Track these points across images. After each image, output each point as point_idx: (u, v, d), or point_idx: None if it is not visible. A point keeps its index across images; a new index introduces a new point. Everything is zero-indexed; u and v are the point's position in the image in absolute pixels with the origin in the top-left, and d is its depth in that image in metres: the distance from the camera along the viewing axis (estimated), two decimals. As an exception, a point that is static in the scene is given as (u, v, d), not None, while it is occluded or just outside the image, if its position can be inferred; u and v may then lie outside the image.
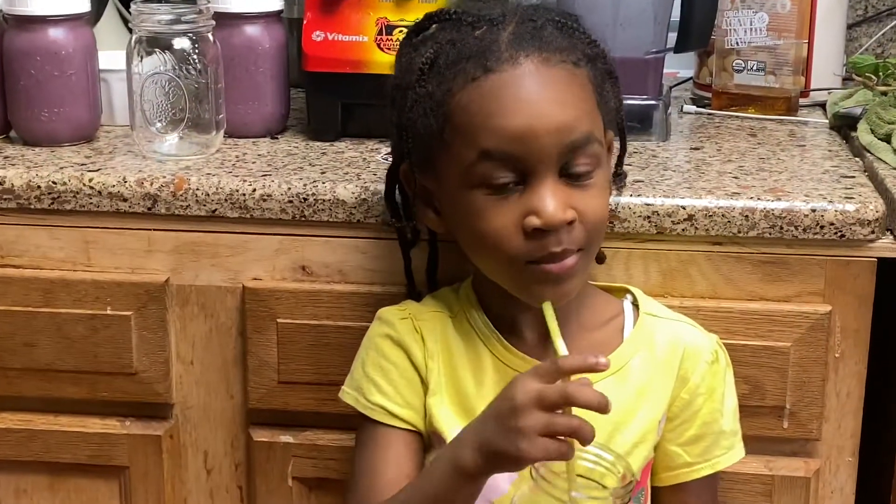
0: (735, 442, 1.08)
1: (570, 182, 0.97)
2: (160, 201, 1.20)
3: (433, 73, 0.98)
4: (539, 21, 0.99)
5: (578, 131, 0.96)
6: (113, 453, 1.27)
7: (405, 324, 1.07)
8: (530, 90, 0.95)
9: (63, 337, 1.24)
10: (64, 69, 1.30)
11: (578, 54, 0.99)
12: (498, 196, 0.96)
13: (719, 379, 1.06)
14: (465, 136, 0.96)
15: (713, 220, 1.15)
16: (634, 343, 1.06)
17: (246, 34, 1.34)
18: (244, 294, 1.22)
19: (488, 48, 0.96)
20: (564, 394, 0.89)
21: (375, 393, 1.06)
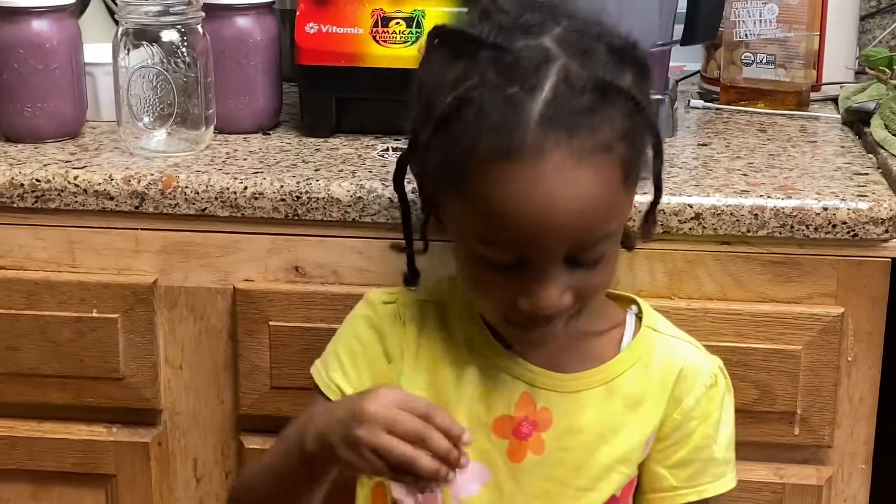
0: (727, 471, 1.06)
1: (575, 264, 0.92)
2: (148, 200, 1.20)
3: (455, 124, 0.91)
4: (580, 83, 0.89)
5: (595, 233, 0.91)
6: (99, 461, 1.27)
7: (388, 309, 1.06)
8: (550, 192, 0.88)
9: (47, 340, 1.23)
10: (48, 62, 1.29)
11: (614, 132, 0.90)
12: (495, 266, 0.92)
13: (716, 404, 1.04)
14: (474, 213, 0.92)
15: (721, 218, 1.14)
16: (630, 356, 1.04)
17: (237, 26, 1.33)
18: (235, 296, 1.21)
19: (516, 124, 0.88)
20: (421, 433, 0.89)
21: (338, 371, 1.05)
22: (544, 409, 1.01)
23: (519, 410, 1.00)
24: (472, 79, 0.91)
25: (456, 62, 0.93)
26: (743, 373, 1.16)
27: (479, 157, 0.89)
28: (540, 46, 0.91)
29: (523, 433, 1.00)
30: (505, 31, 0.92)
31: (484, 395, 1.01)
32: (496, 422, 1.01)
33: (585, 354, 1.03)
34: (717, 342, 1.15)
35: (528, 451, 1.01)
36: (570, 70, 0.90)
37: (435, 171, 0.94)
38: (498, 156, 0.89)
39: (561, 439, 1.01)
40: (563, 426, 1.01)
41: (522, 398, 1.01)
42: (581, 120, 0.89)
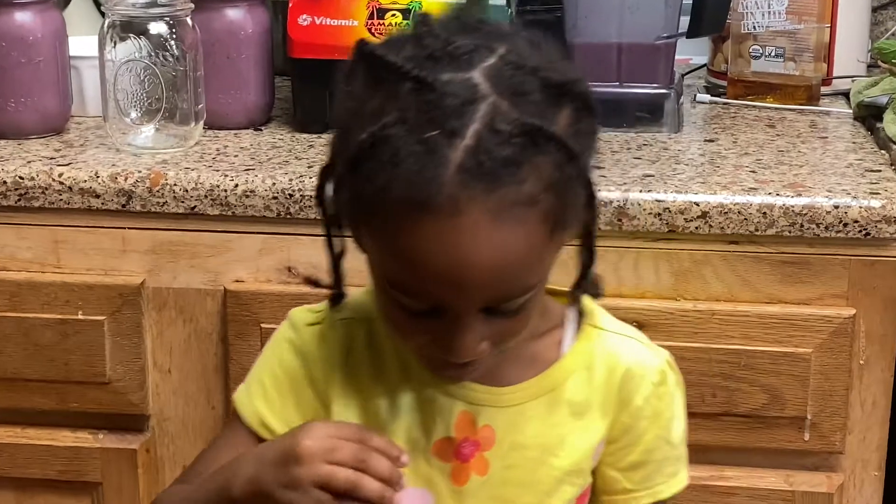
0: (679, 468, 1.04)
1: (493, 314, 0.88)
2: (135, 198, 1.19)
3: (368, 165, 0.85)
4: (508, 128, 0.83)
5: (513, 288, 0.87)
6: (85, 468, 1.26)
7: (313, 331, 1.02)
8: (465, 250, 0.83)
9: (31, 343, 1.23)
10: (32, 56, 1.29)
11: (542, 183, 0.84)
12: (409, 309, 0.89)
13: (666, 402, 1.01)
14: (385, 258, 0.88)
15: (729, 217, 1.13)
16: (572, 360, 1.00)
17: (227, 18, 1.33)
18: (226, 297, 1.21)
19: (432, 176, 0.82)
20: (360, 457, 0.88)
21: (261, 398, 1.02)
22: (486, 427, 0.98)
23: (459, 431, 0.98)
24: (390, 114, 0.84)
25: (376, 90, 0.87)
26: (751, 376, 1.15)
27: (391, 204, 0.84)
28: (467, 82, 0.84)
29: (465, 454, 0.99)
30: (432, 61, 0.86)
31: (421, 418, 0.99)
32: (436, 445, 0.98)
33: (525, 361, 0.99)
34: (724, 345, 1.15)
35: (471, 472, 0.99)
36: (498, 112, 0.83)
37: (348, 204, 0.90)
38: (411, 206, 0.83)
39: (505, 457, 0.99)
40: (507, 443, 0.98)
41: (461, 418, 0.98)
42: (504, 172, 0.83)
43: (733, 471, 1.20)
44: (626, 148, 1.30)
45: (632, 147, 1.30)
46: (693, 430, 1.17)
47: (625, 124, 1.37)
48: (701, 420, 1.17)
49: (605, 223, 1.14)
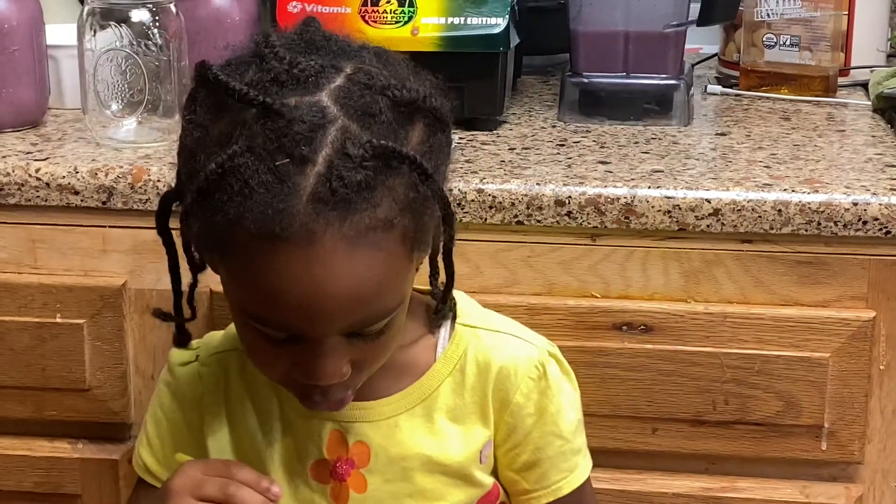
0: (578, 461, 1.05)
1: (354, 336, 0.90)
2: (116, 194, 1.20)
3: (217, 196, 0.86)
4: (360, 152, 0.84)
5: (373, 312, 0.89)
6: (63, 480, 1.27)
7: (186, 371, 1.06)
8: (321, 278, 0.85)
9: (6, 348, 1.23)
10: (6, 45, 1.29)
11: (397, 205, 0.86)
12: (266, 337, 0.91)
13: (550, 396, 1.03)
14: (237, 287, 0.90)
15: (742, 214, 1.14)
16: (446, 364, 1.02)
17: (213, 5, 1.34)
18: (212, 299, 1.21)
19: (283, 205, 0.83)
20: (226, 491, 0.92)
21: (144, 445, 1.08)
22: (359, 444, 1.00)
23: (331, 452, 1.00)
24: (237, 142, 0.85)
25: (220, 116, 0.88)
26: (766, 382, 1.16)
27: (243, 235, 0.85)
28: (316, 106, 0.85)
29: (340, 474, 1.01)
30: (277, 85, 0.86)
31: (295, 442, 1.02)
32: (312, 468, 1.01)
33: (398, 371, 1.01)
34: (737, 349, 1.16)
35: (350, 491, 1.01)
36: (348, 135, 0.85)
37: (198, 235, 0.91)
38: (264, 237, 0.84)
39: (383, 471, 1.01)
40: (384, 457, 1.00)
41: (332, 438, 1.01)
42: (357, 197, 0.84)
43: (746, 482, 1.20)
44: (633, 142, 1.31)
45: (639, 141, 1.31)
46: (704, 438, 1.19)
47: (632, 117, 1.38)
48: (713, 428, 1.18)
49: (611, 221, 1.15)
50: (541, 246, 1.18)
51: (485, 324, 1.04)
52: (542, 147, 1.29)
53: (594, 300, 1.18)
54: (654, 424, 1.18)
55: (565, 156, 1.25)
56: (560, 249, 1.18)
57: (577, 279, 1.18)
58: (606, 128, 1.37)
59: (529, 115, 1.42)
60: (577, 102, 1.39)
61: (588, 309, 1.17)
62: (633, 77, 1.38)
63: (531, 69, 1.63)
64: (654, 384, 1.17)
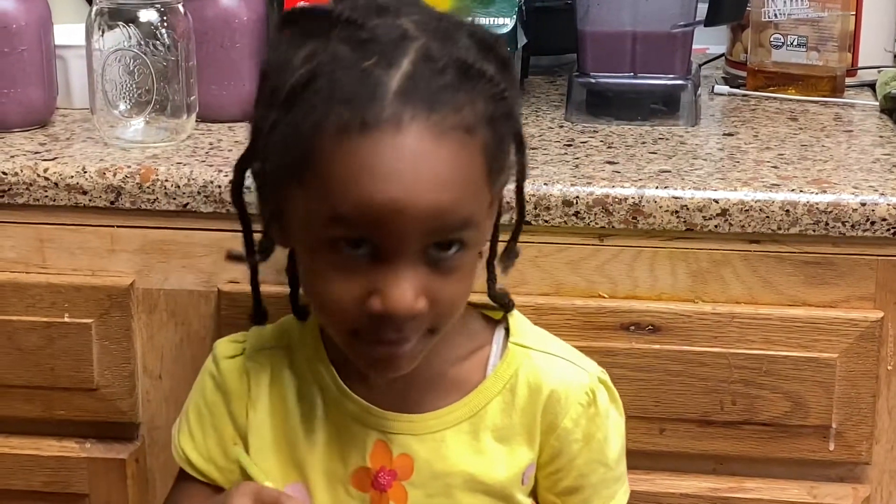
0: (617, 489, 1.06)
1: (430, 263, 0.91)
2: (124, 194, 1.20)
3: (304, 97, 0.90)
4: (441, 61, 0.89)
5: (453, 217, 0.90)
6: (71, 479, 1.27)
7: (232, 364, 1.06)
8: (407, 164, 0.87)
9: (14, 348, 1.23)
10: (14, 45, 1.29)
11: (476, 116, 0.90)
12: (346, 259, 0.91)
13: (597, 424, 1.03)
14: (321, 191, 0.90)
15: (749, 215, 1.14)
16: (496, 382, 1.02)
17: (221, 5, 1.34)
18: (220, 299, 1.21)
19: (371, 95, 0.87)
20: None
21: (186, 436, 1.07)
22: (403, 456, 1.00)
23: (374, 461, 1.00)
24: (322, 55, 0.90)
25: (305, 43, 0.92)
26: (773, 383, 1.16)
27: (330, 131, 0.88)
28: (398, 25, 0.91)
29: (382, 484, 1.00)
30: (361, 10, 0.92)
31: (337, 448, 1.01)
32: (353, 475, 1.01)
33: (447, 386, 1.01)
34: (744, 349, 1.16)
35: (390, 501, 1.00)
36: (431, 48, 0.90)
37: (279, 159, 0.92)
38: (351, 128, 0.88)
39: (426, 486, 1.00)
40: (427, 472, 1.00)
41: (376, 447, 1.00)
42: (442, 96, 0.89)
43: (754, 482, 1.21)
44: (640, 142, 1.31)
45: (647, 141, 1.31)
46: (712, 439, 1.19)
47: (639, 117, 1.38)
48: (720, 429, 1.18)
49: (618, 221, 1.15)
50: (548, 246, 1.18)
51: (538, 345, 1.04)
52: (550, 147, 1.29)
53: (602, 300, 1.18)
54: (662, 425, 1.18)
55: (573, 156, 1.25)
56: (568, 249, 1.18)
57: (584, 279, 1.18)
58: (614, 128, 1.37)
59: (536, 116, 1.42)
60: (585, 102, 1.39)
61: (596, 309, 1.17)
62: (640, 77, 1.39)
63: (538, 69, 1.63)
64: (662, 384, 1.17)
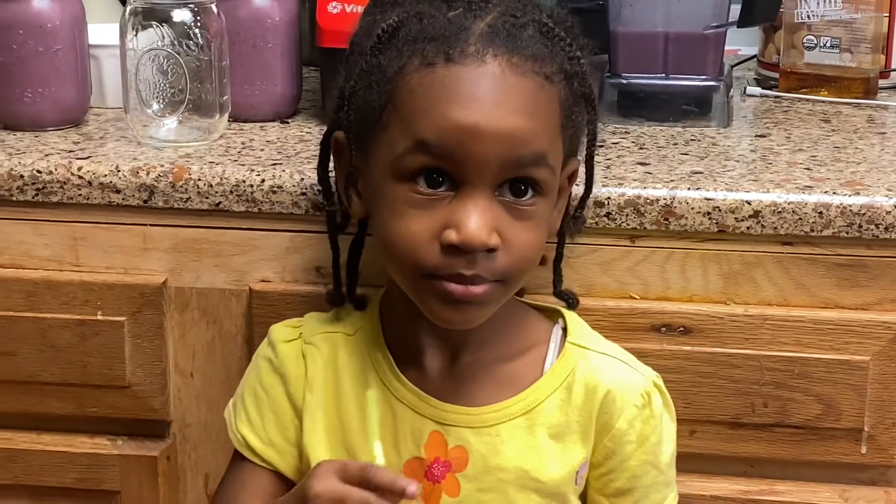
0: (667, 493, 1.06)
1: (505, 204, 0.95)
2: (157, 193, 1.20)
3: (391, 44, 0.96)
4: (523, 18, 0.96)
5: (529, 148, 0.94)
6: (103, 476, 1.27)
7: (290, 348, 1.07)
8: (487, 90, 0.93)
9: (48, 345, 1.24)
10: (49, 44, 1.30)
11: (555, 68, 0.96)
12: (423, 197, 0.95)
13: (652, 426, 1.04)
14: (405, 122, 0.95)
15: (782, 217, 1.14)
16: (553, 379, 1.03)
17: (253, 6, 1.34)
18: (251, 298, 1.22)
19: (456, 35, 0.94)
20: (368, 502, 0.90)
21: (244, 421, 1.08)
22: (458, 448, 1.01)
23: (429, 451, 1.00)
24: (409, 7, 0.97)
25: (391, 9, 0.98)
26: (805, 385, 1.16)
27: (414, 66, 0.94)
28: None
29: (435, 475, 1.00)
30: None
31: (391, 437, 1.02)
32: (407, 465, 1.01)
33: (503, 381, 1.02)
34: (776, 352, 1.16)
35: (442, 493, 1.01)
36: (514, 9, 0.97)
37: (363, 109, 0.97)
38: (435, 61, 0.94)
39: (478, 479, 1.01)
40: (481, 465, 1.01)
41: (432, 438, 1.01)
42: (524, 43, 0.95)
43: (785, 485, 1.20)
44: (672, 143, 1.31)
45: (678, 142, 1.31)
46: (743, 441, 1.18)
47: (671, 118, 1.37)
48: (751, 431, 1.18)
49: (650, 222, 1.15)
50: (580, 247, 1.18)
51: (595, 346, 1.05)
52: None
53: (633, 301, 1.18)
54: (693, 426, 1.18)
55: (604, 157, 1.25)
56: (599, 251, 1.18)
57: (615, 280, 1.18)
58: (645, 129, 1.37)
59: (568, 116, 1.42)
60: (616, 103, 1.39)
61: (627, 310, 1.17)
62: (672, 78, 1.38)
63: (569, 70, 1.63)
64: (693, 386, 1.17)
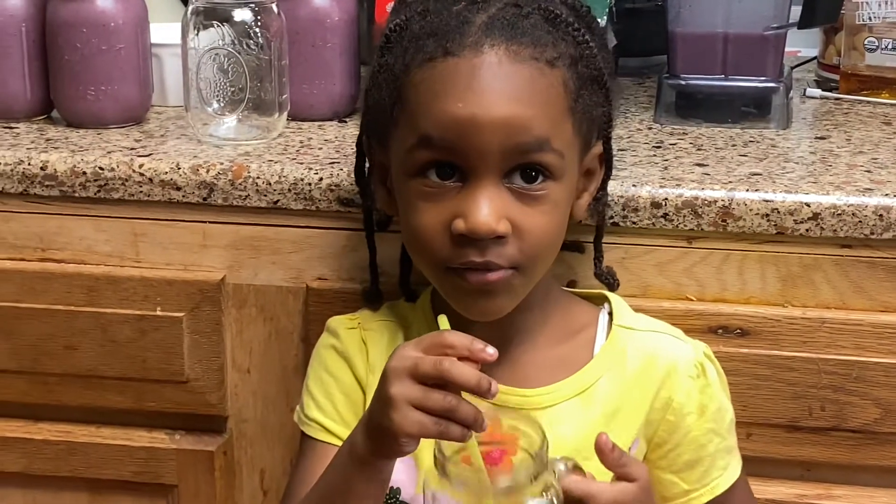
0: (730, 459, 1.07)
1: (515, 191, 0.97)
2: (217, 191, 1.21)
3: (397, 43, 1.00)
4: (527, 8, 0.98)
5: (530, 134, 0.96)
6: (160, 470, 1.29)
7: (352, 334, 1.09)
8: (484, 80, 0.95)
9: (108, 340, 1.26)
10: (112, 43, 1.32)
11: (556, 53, 0.97)
12: (434, 190, 0.98)
13: (709, 394, 1.05)
14: (410, 118, 0.98)
15: (842, 219, 1.13)
16: (604, 360, 1.05)
17: (313, 5, 1.35)
18: (308, 295, 1.23)
19: (456, 29, 0.96)
20: (440, 367, 0.90)
21: (313, 407, 1.09)
22: (514, 430, 1.01)
23: (486, 434, 1.01)
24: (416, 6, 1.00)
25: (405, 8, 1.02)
26: (863, 389, 1.15)
27: (416, 65, 0.97)
28: None
29: (493, 458, 1.00)
30: None
31: None
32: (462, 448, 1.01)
33: (554, 364, 1.04)
34: (834, 355, 1.15)
35: (498, 475, 1.01)
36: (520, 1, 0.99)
37: (378, 108, 1.01)
38: (434, 55, 0.96)
39: None
40: None
41: None
42: (524, 31, 0.96)
43: (842, 489, 1.19)
44: (730, 144, 1.30)
45: (737, 144, 1.30)
46: (800, 444, 1.18)
47: (730, 120, 1.37)
48: (808, 434, 1.17)
49: (708, 224, 1.15)
50: (636, 248, 1.17)
51: (641, 325, 1.07)
52: (639, 149, 1.28)
53: (689, 303, 1.17)
54: (749, 429, 1.17)
55: (661, 157, 1.25)
56: (655, 251, 1.17)
57: (672, 281, 1.18)
58: (703, 130, 1.36)
59: (625, 117, 1.41)
60: (674, 104, 1.39)
61: (683, 312, 1.16)
62: (731, 79, 1.37)
63: (626, 71, 1.62)
64: (750, 388, 1.16)
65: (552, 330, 1.06)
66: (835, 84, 1.53)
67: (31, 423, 1.31)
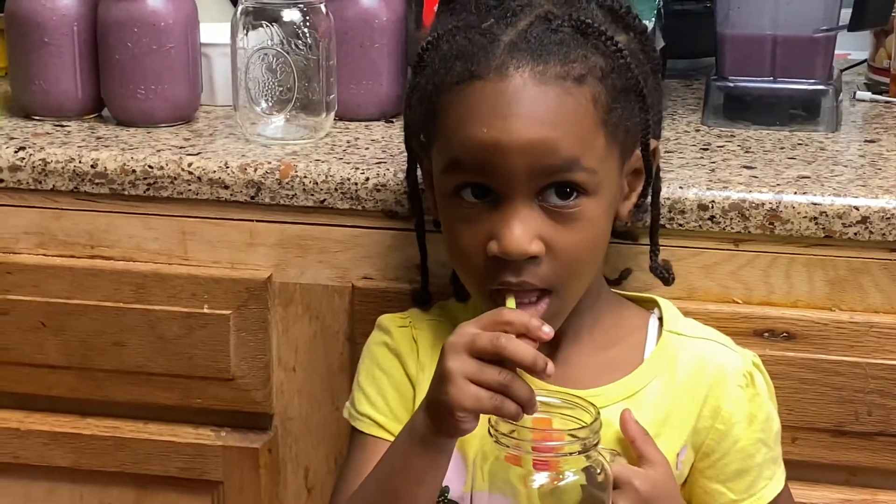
0: (776, 470, 1.07)
1: (548, 209, 0.97)
2: (264, 189, 1.22)
3: (429, 60, 1.01)
4: (556, 21, 0.97)
5: (558, 156, 0.95)
6: (206, 466, 1.30)
7: (403, 332, 1.10)
8: (509, 104, 0.95)
9: (156, 336, 1.27)
10: (162, 42, 1.33)
11: (585, 69, 0.97)
12: (470, 210, 0.98)
13: (758, 404, 1.05)
14: (442, 140, 0.99)
15: (891, 223, 1.12)
16: (654, 365, 1.05)
17: (361, 6, 1.36)
18: (353, 294, 1.23)
19: (483, 49, 0.96)
20: (497, 343, 0.90)
21: (364, 402, 1.09)
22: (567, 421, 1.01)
23: (535, 435, 1.01)
24: (448, 22, 1.00)
25: (444, 14, 1.03)
26: (911, 395, 1.14)
27: (447, 87, 0.98)
28: None
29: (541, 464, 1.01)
30: None
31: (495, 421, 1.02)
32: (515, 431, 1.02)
33: (604, 367, 1.05)
34: (882, 359, 1.14)
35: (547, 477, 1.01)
36: (551, 12, 0.98)
37: (415, 119, 1.03)
38: (462, 78, 0.96)
39: None
40: None
41: (536, 422, 1.01)
42: (551, 49, 0.96)
43: (887, 495, 1.19)
44: (779, 147, 1.29)
45: (785, 146, 1.30)
46: (845, 449, 1.17)
47: (778, 122, 1.36)
48: (854, 439, 1.16)
49: (755, 226, 1.14)
50: (682, 250, 1.17)
51: (692, 332, 1.07)
52: (686, 151, 1.28)
53: (736, 306, 1.17)
54: (794, 433, 1.16)
55: (709, 160, 1.25)
56: (702, 254, 1.17)
57: (718, 284, 1.17)
58: (751, 132, 1.35)
59: (673, 119, 1.41)
60: (722, 106, 1.38)
61: (729, 315, 1.16)
62: (780, 82, 1.37)
63: (675, 73, 1.62)
64: (796, 392, 1.16)
65: (602, 333, 1.07)
66: (885, 87, 1.52)
67: (80, 419, 1.33)
